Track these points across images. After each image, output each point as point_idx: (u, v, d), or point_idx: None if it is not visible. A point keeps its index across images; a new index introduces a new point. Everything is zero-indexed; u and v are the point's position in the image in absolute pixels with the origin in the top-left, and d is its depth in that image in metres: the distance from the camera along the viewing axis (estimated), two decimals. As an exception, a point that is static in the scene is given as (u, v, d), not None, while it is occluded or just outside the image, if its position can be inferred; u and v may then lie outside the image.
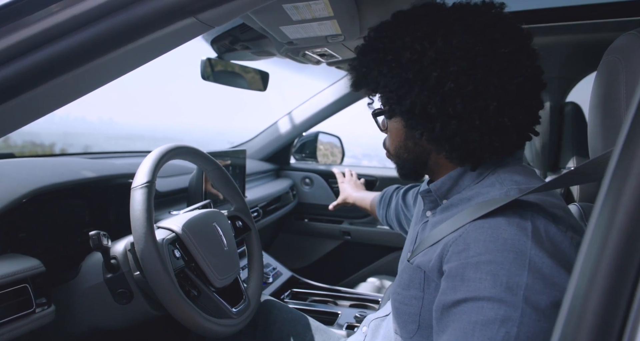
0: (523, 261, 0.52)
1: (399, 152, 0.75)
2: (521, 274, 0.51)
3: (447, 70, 0.62)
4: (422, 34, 0.64)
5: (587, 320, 0.32)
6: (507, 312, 0.50)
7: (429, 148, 0.71)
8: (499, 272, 0.52)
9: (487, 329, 0.50)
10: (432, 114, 0.64)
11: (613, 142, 0.45)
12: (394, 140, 0.75)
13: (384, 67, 0.67)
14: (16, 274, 0.73)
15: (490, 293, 0.51)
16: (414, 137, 0.71)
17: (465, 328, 0.52)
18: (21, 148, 2.41)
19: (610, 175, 0.35)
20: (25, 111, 0.57)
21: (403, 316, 0.68)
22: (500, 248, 0.54)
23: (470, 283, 0.53)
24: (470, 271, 0.54)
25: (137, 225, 0.77)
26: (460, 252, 0.57)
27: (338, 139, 2.41)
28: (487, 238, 0.55)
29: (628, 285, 0.32)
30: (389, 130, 0.76)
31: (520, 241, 0.54)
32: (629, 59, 0.55)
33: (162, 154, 0.88)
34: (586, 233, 0.35)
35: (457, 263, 0.56)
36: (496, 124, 0.63)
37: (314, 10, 0.86)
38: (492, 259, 0.53)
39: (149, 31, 0.54)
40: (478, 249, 0.55)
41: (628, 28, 0.58)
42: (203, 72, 1.36)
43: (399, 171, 0.78)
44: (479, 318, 0.51)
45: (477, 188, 0.66)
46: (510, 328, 0.49)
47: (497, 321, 0.50)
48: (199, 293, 0.88)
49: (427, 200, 0.75)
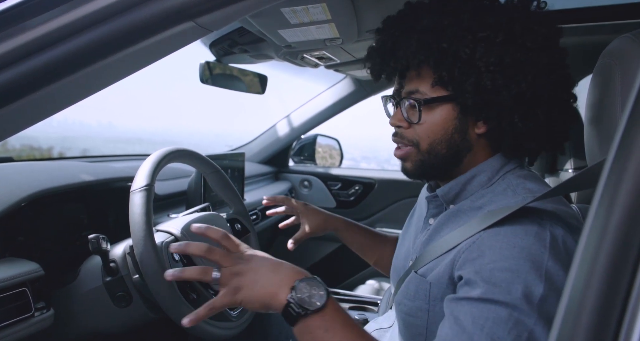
0: (540, 271, 0.52)
1: (436, 147, 0.66)
2: (538, 285, 0.51)
3: (553, 56, 0.61)
4: (519, 16, 0.61)
5: (583, 320, 0.33)
6: (521, 317, 0.50)
7: (472, 144, 0.66)
8: (514, 280, 0.51)
9: (499, 327, 0.50)
10: (542, 100, 0.61)
11: (608, 144, 0.45)
12: (435, 133, 0.66)
13: (478, 46, 0.60)
14: (15, 278, 0.73)
15: (506, 298, 0.51)
16: (463, 130, 0.65)
17: (474, 321, 0.51)
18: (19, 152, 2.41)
19: (605, 176, 0.36)
20: (24, 115, 0.57)
21: (410, 328, 0.67)
22: (516, 255, 0.53)
23: (486, 287, 0.52)
24: (485, 277, 0.53)
25: (136, 228, 0.77)
26: (474, 259, 0.56)
27: (336, 142, 2.41)
28: (503, 246, 0.54)
29: (623, 285, 0.32)
30: (427, 122, 0.66)
31: (538, 250, 0.53)
32: (624, 61, 0.55)
33: (160, 157, 0.88)
34: (582, 234, 0.36)
35: (470, 270, 0.55)
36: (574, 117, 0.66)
37: (312, 14, 0.86)
38: (507, 267, 0.52)
39: (147, 35, 0.54)
40: (493, 257, 0.54)
41: (623, 31, 0.59)
42: (202, 75, 1.36)
43: (420, 169, 0.68)
44: (491, 315, 0.51)
45: (489, 195, 0.65)
46: (521, 332, 0.49)
47: (510, 322, 0.50)
48: (198, 296, 0.88)
49: (432, 205, 0.73)
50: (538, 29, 0.61)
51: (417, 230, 0.78)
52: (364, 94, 2.02)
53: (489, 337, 0.50)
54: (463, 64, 0.61)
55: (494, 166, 0.67)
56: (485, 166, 0.67)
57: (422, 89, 0.65)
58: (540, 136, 0.64)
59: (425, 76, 0.65)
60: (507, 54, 0.60)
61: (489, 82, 0.60)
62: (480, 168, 0.67)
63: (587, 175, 0.49)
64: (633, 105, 0.36)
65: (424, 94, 0.65)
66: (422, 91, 0.65)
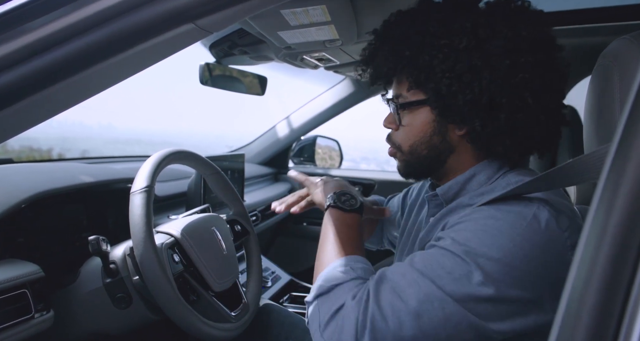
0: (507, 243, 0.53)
1: (416, 149, 0.70)
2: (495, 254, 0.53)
3: (518, 60, 0.60)
4: (485, 21, 0.62)
5: (582, 321, 0.33)
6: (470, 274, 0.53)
7: (454, 146, 0.68)
8: (476, 245, 0.54)
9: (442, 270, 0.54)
10: (501, 105, 0.61)
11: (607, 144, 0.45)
12: (414, 135, 0.69)
13: (438, 52, 0.62)
14: (15, 280, 0.73)
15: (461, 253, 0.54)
16: (442, 133, 0.67)
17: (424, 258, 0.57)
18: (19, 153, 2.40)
19: (604, 177, 0.36)
20: (25, 116, 0.57)
21: None
22: (490, 225, 0.55)
23: (448, 241, 0.56)
24: (451, 235, 0.57)
25: (136, 230, 0.78)
26: (452, 226, 0.59)
27: (336, 143, 2.42)
28: (481, 216, 0.57)
29: (623, 285, 0.32)
30: (408, 124, 0.70)
31: (515, 223, 0.55)
32: (623, 63, 0.56)
33: (161, 158, 0.88)
34: (582, 234, 0.36)
35: (442, 233, 0.59)
36: (557, 121, 0.65)
37: (312, 16, 0.87)
38: (477, 234, 0.55)
39: (148, 37, 0.54)
40: (469, 224, 0.57)
41: (622, 32, 0.59)
42: (202, 76, 1.36)
43: (406, 169, 0.73)
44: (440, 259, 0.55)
45: (488, 194, 0.65)
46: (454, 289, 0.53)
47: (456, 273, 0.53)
48: (198, 298, 0.88)
49: (432, 204, 0.75)
50: (507, 32, 0.61)
51: (418, 231, 0.79)
52: (363, 95, 2.02)
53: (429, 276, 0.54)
54: (423, 71, 0.64)
55: (494, 165, 0.67)
56: (485, 165, 0.68)
57: (404, 93, 0.69)
58: (506, 140, 0.63)
59: (404, 82, 0.69)
60: (463, 60, 0.61)
61: (444, 88, 0.62)
62: (479, 168, 0.68)
63: (581, 165, 0.49)
64: (631, 106, 0.36)
65: (405, 98, 0.69)
66: (404, 95, 0.69)
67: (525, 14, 0.64)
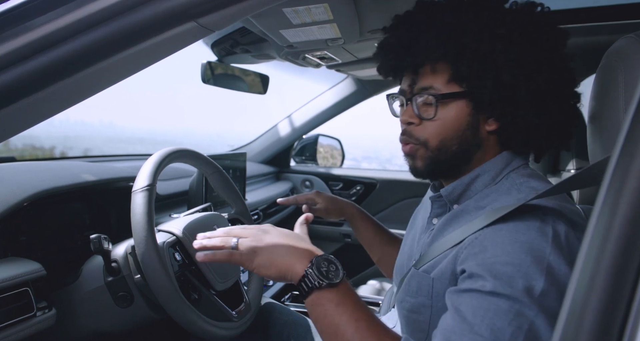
0: (541, 265, 0.52)
1: (446, 144, 0.66)
2: (539, 279, 0.51)
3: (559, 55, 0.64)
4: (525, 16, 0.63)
5: (587, 321, 0.33)
6: (522, 309, 0.50)
7: (483, 141, 0.67)
8: (515, 274, 0.52)
9: (499, 318, 0.50)
10: (543, 101, 0.62)
11: (611, 145, 0.45)
12: (447, 129, 0.65)
13: (498, 42, 0.61)
14: (17, 278, 0.73)
15: (507, 291, 0.51)
16: (475, 127, 0.65)
17: (474, 312, 0.51)
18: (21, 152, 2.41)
19: (609, 177, 0.35)
20: (27, 114, 0.57)
21: (412, 325, 0.67)
22: (518, 250, 0.53)
23: (488, 281, 0.53)
24: (487, 270, 0.54)
25: (137, 228, 0.78)
26: (476, 254, 0.56)
27: (338, 142, 2.42)
28: (505, 241, 0.55)
29: (627, 286, 0.32)
30: (441, 118, 0.65)
31: (540, 245, 0.53)
32: (628, 61, 0.55)
33: (162, 157, 0.88)
34: (585, 234, 0.36)
35: (473, 264, 0.56)
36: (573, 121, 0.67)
37: (314, 14, 0.86)
38: (509, 261, 0.53)
39: (150, 35, 0.54)
40: (495, 251, 0.54)
41: (625, 31, 0.59)
42: (203, 75, 1.36)
43: (431, 166, 0.68)
44: (492, 307, 0.51)
45: (493, 195, 0.65)
46: (522, 324, 0.49)
47: (511, 314, 0.50)
48: (199, 296, 0.88)
49: (436, 205, 0.73)
50: (548, 30, 0.63)
51: (421, 230, 0.78)
52: (365, 94, 2.02)
53: (489, 328, 0.50)
54: (483, 60, 0.61)
55: (498, 165, 0.67)
56: (489, 165, 0.68)
57: (437, 85, 0.65)
58: (551, 132, 0.65)
59: (440, 72, 0.65)
60: (524, 50, 0.61)
61: (509, 78, 0.61)
62: (484, 168, 0.68)
63: (589, 173, 0.49)
64: (637, 105, 0.36)
65: (438, 90, 0.65)
66: (436, 87, 0.65)
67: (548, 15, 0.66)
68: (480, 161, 0.68)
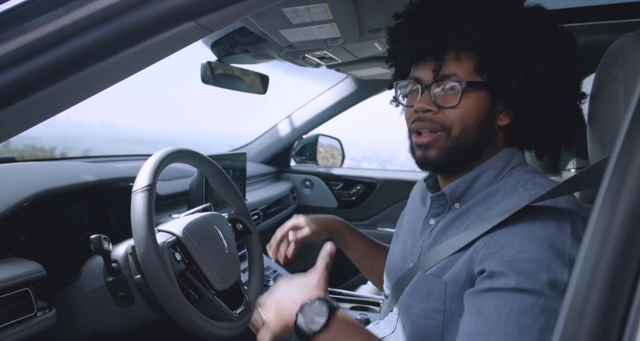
0: (563, 258, 0.52)
1: (468, 133, 0.65)
2: (563, 272, 0.51)
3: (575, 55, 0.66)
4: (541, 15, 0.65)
5: (587, 320, 0.33)
6: (548, 303, 0.49)
7: (495, 135, 0.67)
8: (538, 269, 0.51)
9: (525, 315, 0.49)
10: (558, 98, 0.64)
11: (611, 144, 0.45)
12: (469, 118, 0.64)
13: (529, 35, 0.61)
14: (17, 278, 0.73)
15: (531, 286, 0.50)
16: (492, 120, 0.66)
17: (498, 311, 0.50)
18: (21, 152, 2.41)
19: (608, 177, 0.35)
20: (27, 115, 0.57)
21: (423, 331, 0.64)
22: (538, 246, 0.53)
23: (510, 278, 0.52)
24: (508, 267, 0.53)
25: (138, 228, 0.78)
26: (494, 254, 0.55)
27: (338, 142, 2.42)
28: (523, 238, 0.54)
29: (627, 285, 0.32)
30: (463, 106, 0.64)
31: (560, 239, 0.53)
32: (628, 60, 0.55)
33: (162, 157, 0.88)
34: (586, 233, 0.36)
35: (492, 263, 0.55)
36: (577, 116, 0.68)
37: (314, 14, 0.86)
38: (530, 257, 0.52)
39: (149, 35, 0.54)
40: (514, 249, 0.54)
41: (625, 30, 0.59)
42: (203, 75, 1.36)
43: (445, 156, 0.66)
44: (516, 304, 0.50)
45: (499, 194, 0.64)
46: (550, 319, 0.49)
47: (537, 309, 0.49)
48: (199, 296, 0.88)
49: (435, 205, 0.72)
50: (561, 29, 0.65)
51: (414, 231, 0.77)
52: (365, 94, 2.02)
53: (515, 325, 0.49)
54: (516, 50, 0.61)
55: (500, 163, 0.67)
56: (491, 163, 0.68)
57: (459, 73, 0.64)
58: (558, 130, 0.66)
59: (464, 60, 0.64)
60: (552, 45, 0.62)
61: (540, 70, 0.61)
62: (486, 165, 0.68)
63: (590, 174, 0.49)
64: (637, 104, 0.36)
65: (461, 78, 0.64)
66: (459, 75, 0.64)
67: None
68: (489, 156, 0.68)
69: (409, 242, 0.77)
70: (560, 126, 0.66)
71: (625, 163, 0.34)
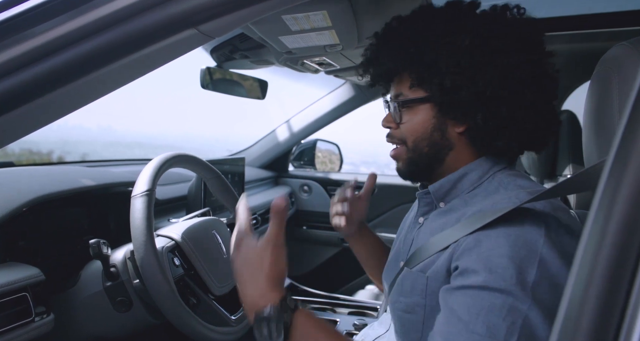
0: (534, 258, 0.53)
1: (418, 145, 0.71)
2: (531, 271, 0.52)
3: (514, 58, 0.64)
4: (485, 22, 0.66)
5: (583, 324, 0.33)
6: (515, 303, 0.50)
7: (454, 143, 0.69)
8: (509, 266, 0.52)
9: (493, 315, 0.51)
10: (502, 99, 0.64)
11: (607, 150, 0.46)
12: (417, 131, 0.70)
13: (442, 50, 0.65)
14: (16, 283, 0.73)
15: (500, 284, 0.52)
16: (442, 129, 0.69)
17: (469, 310, 0.52)
18: (19, 156, 2.41)
19: (604, 182, 0.36)
20: (27, 121, 0.58)
21: (406, 325, 0.67)
22: (512, 243, 0.54)
23: (480, 275, 0.54)
24: (481, 264, 0.54)
25: (137, 233, 0.78)
26: (471, 249, 0.57)
27: (336, 147, 2.42)
28: (500, 234, 0.56)
29: (623, 289, 0.33)
30: (410, 121, 0.71)
31: (533, 238, 0.54)
32: (622, 68, 0.56)
33: (162, 162, 0.88)
34: (581, 239, 0.36)
35: (467, 259, 0.57)
36: (550, 121, 0.68)
37: (313, 21, 0.87)
38: (503, 253, 0.54)
39: (151, 42, 0.55)
40: (489, 245, 0.56)
41: (620, 38, 0.60)
42: (202, 80, 1.37)
43: (409, 167, 0.73)
44: (485, 304, 0.52)
45: (482, 194, 0.66)
46: (516, 319, 0.50)
47: (504, 309, 0.50)
48: (198, 301, 0.88)
49: (422, 203, 0.75)
50: (509, 31, 0.65)
51: (408, 230, 0.80)
52: (363, 100, 2.03)
53: (485, 325, 0.50)
54: (428, 67, 0.66)
55: (485, 165, 0.69)
56: (476, 164, 0.69)
57: (404, 92, 0.71)
58: (506, 134, 0.66)
59: (405, 80, 0.71)
60: (467, 56, 0.64)
61: (449, 83, 0.65)
62: (470, 167, 0.69)
63: (583, 177, 0.50)
64: (631, 111, 0.37)
65: (405, 96, 0.71)
66: (404, 93, 0.71)
67: (520, 20, 0.68)
68: (455, 162, 0.70)
69: (402, 241, 0.80)
70: (504, 131, 0.66)
71: (621, 168, 0.35)
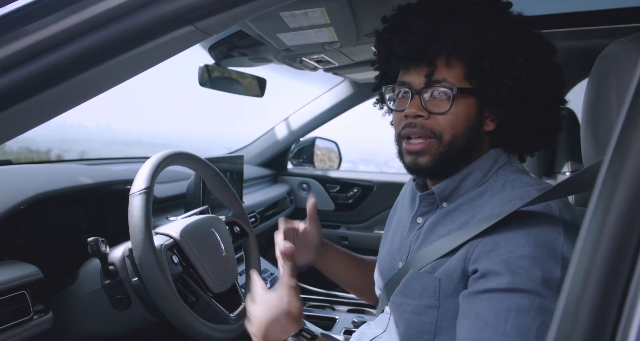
0: (556, 256, 0.53)
1: (458, 139, 0.66)
2: (555, 269, 0.52)
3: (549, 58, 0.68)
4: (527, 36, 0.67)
5: (581, 319, 0.33)
6: (544, 303, 0.50)
7: (482, 141, 0.69)
8: (532, 267, 0.52)
9: (522, 317, 0.49)
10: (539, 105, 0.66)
11: (604, 147, 0.46)
12: (459, 124, 0.65)
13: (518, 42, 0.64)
14: (14, 281, 0.73)
15: (527, 285, 0.51)
16: (479, 126, 0.67)
17: (496, 314, 0.51)
18: (17, 154, 2.40)
19: (601, 180, 0.36)
20: (24, 118, 0.57)
21: (416, 327, 0.65)
22: (532, 243, 0.54)
23: (504, 277, 0.52)
24: (502, 266, 0.53)
25: (135, 231, 0.78)
26: (489, 252, 0.56)
27: (335, 145, 2.42)
28: (518, 235, 0.55)
29: (620, 285, 0.33)
30: (454, 113, 0.65)
31: (553, 236, 0.54)
32: (620, 65, 0.56)
33: (160, 160, 0.88)
34: (579, 236, 0.36)
35: (487, 262, 0.55)
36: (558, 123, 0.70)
37: (311, 18, 0.87)
38: (525, 255, 0.53)
39: (148, 39, 0.54)
40: (509, 247, 0.55)
41: (617, 35, 0.60)
42: (201, 78, 1.36)
43: (437, 163, 0.66)
44: (513, 305, 0.50)
45: (488, 193, 0.66)
46: (546, 318, 0.49)
47: (533, 310, 0.50)
48: (196, 299, 0.88)
49: (423, 203, 0.73)
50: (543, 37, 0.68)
51: (402, 230, 0.78)
52: (362, 97, 2.02)
53: (514, 327, 0.49)
54: (507, 58, 0.63)
55: (487, 163, 0.69)
56: (479, 163, 0.69)
57: (450, 79, 0.64)
58: (548, 132, 0.69)
59: (455, 67, 0.65)
60: (537, 53, 0.65)
61: (529, 78, 0.63)
62: (474, 166, 0.69)
63: (582, 177, 0.50)
64: (629, 108, 0.37)
65: (452, 84, 0.64)
66: (449, 80, 0.64)
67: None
68: (475, 160, 0.70)
69: (396, 242, 0.78)
70: (543, 131, 0.68)
71: (618, 168, 0.35)
